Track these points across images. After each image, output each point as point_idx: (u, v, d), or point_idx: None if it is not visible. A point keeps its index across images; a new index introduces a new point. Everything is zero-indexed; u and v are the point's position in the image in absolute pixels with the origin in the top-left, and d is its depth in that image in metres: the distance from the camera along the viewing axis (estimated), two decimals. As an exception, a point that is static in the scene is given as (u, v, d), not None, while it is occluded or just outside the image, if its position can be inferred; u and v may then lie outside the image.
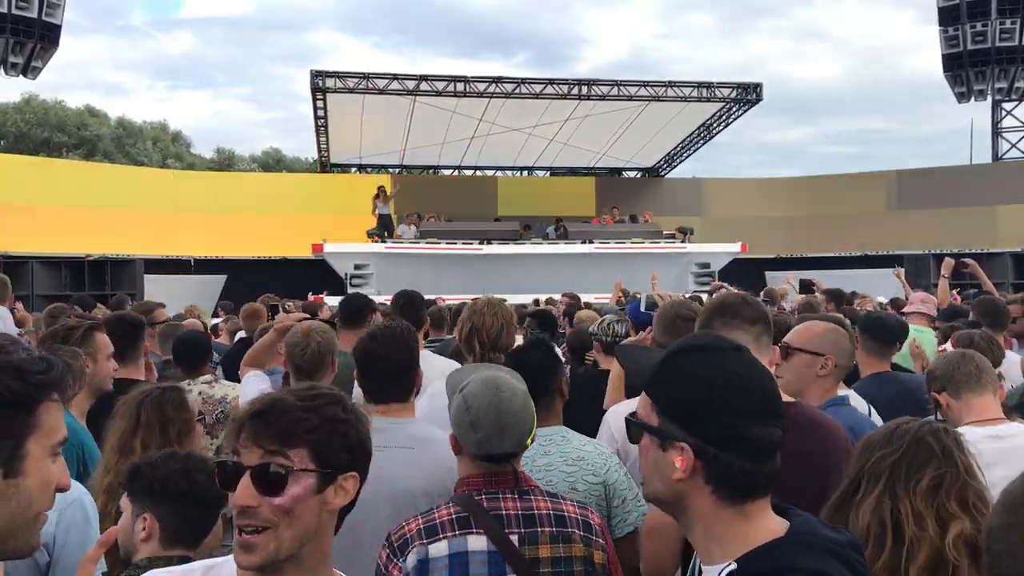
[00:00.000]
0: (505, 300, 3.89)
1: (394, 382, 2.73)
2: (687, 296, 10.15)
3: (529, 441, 2.19)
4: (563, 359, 5.12)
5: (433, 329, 5.90)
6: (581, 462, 2.66)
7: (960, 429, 2.28)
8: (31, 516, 1.23)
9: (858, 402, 3.30)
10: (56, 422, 1.25)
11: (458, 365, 3.55)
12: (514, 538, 2.01)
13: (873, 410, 3.32)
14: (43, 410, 1.23)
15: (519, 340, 3.76)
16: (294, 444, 1.40)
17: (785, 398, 2.43)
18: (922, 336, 5.63)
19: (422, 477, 2.51)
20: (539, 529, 2.04)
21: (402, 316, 4.14)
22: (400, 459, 2.54)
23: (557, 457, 2.68)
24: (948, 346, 4.44)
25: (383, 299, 12.25)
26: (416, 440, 2.62)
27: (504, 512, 2.05)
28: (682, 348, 1.46)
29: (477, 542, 2.01)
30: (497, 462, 2.12)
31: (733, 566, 1.31)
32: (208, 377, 4.48)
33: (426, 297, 5.55)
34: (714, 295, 2.77)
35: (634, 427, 1.45)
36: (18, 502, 1.20)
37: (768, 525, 1.36)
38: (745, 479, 1.35)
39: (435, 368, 3.80)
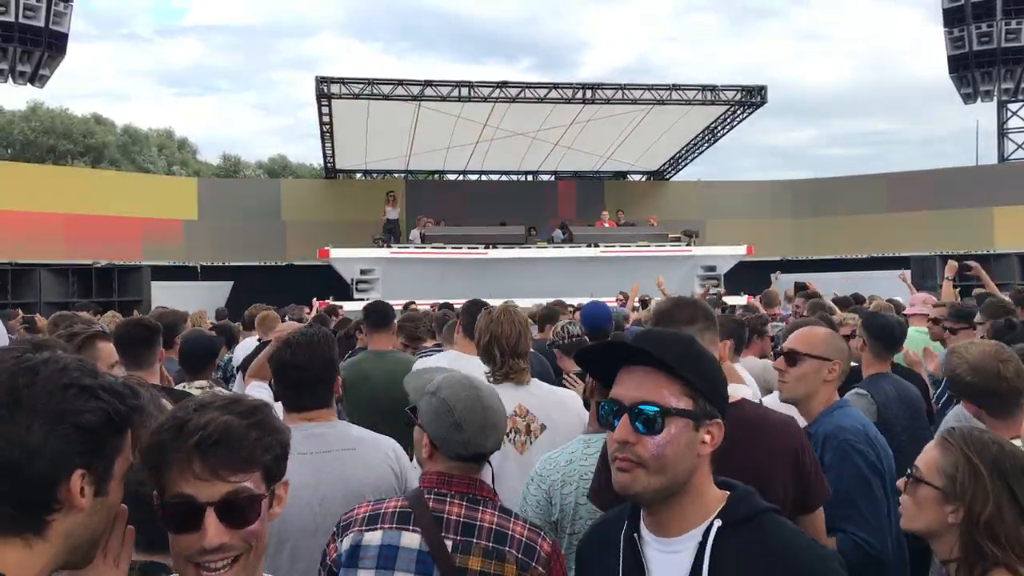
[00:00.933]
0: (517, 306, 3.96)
1: (310, 391, 2.68)
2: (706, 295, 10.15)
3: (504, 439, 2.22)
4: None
5: (411, 340, 5.87)
6: None
7: None
8: (100, 535, 1.24)
9: (865, 406, 3.32)
10: (129, 448, 1.26)
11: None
12: (448, 543, 2.00)
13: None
14: (128, 435, 1.24)
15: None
16: (253, 469, 1.37)
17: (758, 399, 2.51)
18: (924, 337, 5.64)
19: (370, 474, 2.57)
20: (475, 540, 2.01)
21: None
22: (349, 460, 2.59)
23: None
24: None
25: (395, 304, 12.25)
26: (354, 440, 2.66)
27: (446, 516, 2.04)
28: (687, 340, 1.65)
29: (410, 539, 2.01)
30: (476, 461, 2.14)
31: (719, 522, 1.53)
32: (203, 383, 4.42)
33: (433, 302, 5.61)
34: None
35: (672, 415, 1.53)
36: (99, 519, 1.21)
37: (716, 487, 1.60)
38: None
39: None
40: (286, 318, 8.32)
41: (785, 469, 2.30)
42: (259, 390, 3.74)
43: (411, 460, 2.65)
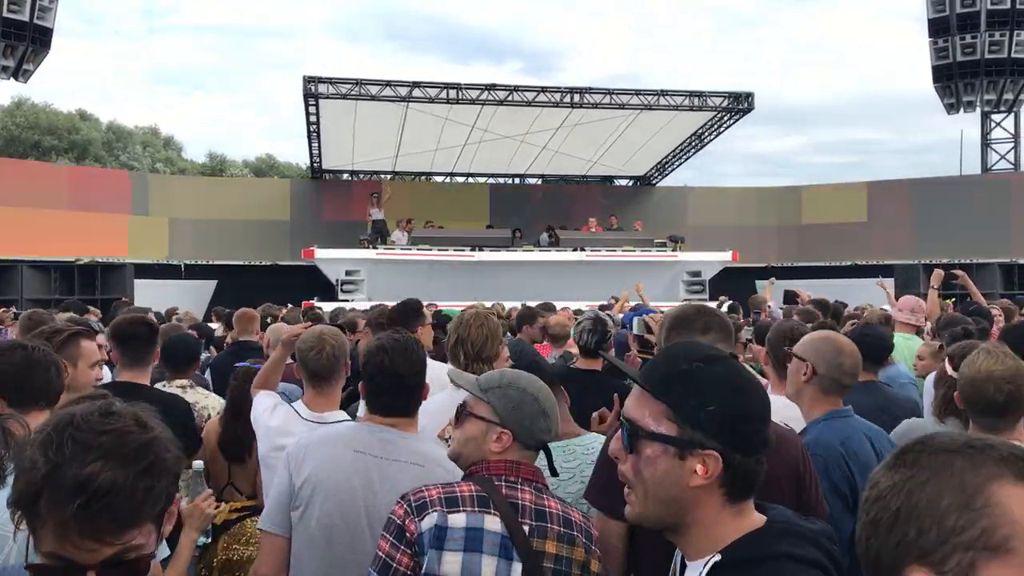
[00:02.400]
0: (493, 313, 3.97)
1: (403, 396, 2.70)
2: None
3: None
4: None
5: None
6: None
7: None
8: None
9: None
10: None
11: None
12: (525, 528, 2.07)
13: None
14: None
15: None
16: (142, 524, 1.22)
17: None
18: (909, 344, 5.64)
19: None
20: (549, 525, 2.09)
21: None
22: (413, 475, 2.55)
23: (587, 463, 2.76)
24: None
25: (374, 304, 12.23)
26: (424, 458, 2.62)
27: (520, 502, 2.10)
28: (696, 359, 1.46)
29: (493, 522, 2.05)
30: (540, 449, 2.23)
31: (717, 557, 1.37)
32: (183, 382, 4.42)
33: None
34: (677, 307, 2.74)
35: (642, 437, 1.41)
36: None
37: (752, 519, 1.43)
38: (755, 479, 1.42)
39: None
40: (267, 319, 8.23)
41: (788, 481, 2.29)
42: (266, 397, 3.52)
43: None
